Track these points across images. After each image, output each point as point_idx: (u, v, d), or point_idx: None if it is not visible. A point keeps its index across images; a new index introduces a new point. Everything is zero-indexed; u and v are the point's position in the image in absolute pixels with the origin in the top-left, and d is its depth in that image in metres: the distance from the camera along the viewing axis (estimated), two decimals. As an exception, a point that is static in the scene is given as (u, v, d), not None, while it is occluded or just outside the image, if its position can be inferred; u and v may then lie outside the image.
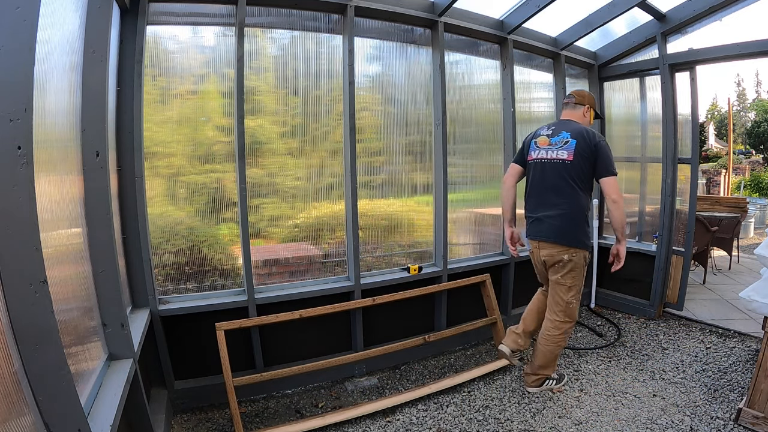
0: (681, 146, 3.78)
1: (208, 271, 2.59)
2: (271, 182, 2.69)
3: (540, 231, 2.51)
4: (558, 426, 2.36)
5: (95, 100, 1.69)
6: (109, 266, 1.74)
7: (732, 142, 15.52)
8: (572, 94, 2.65)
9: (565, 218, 2.42)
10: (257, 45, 2.59)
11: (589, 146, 2.37)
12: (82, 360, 1.50)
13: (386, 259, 3.13)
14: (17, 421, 1.02)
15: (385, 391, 2.77)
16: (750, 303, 2.40)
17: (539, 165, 2.52)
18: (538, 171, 2.53)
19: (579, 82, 4.16)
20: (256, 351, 2.67)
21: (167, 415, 2.28)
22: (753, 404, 2.24)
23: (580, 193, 2.42)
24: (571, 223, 2.41)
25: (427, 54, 3.12)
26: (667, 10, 3.48)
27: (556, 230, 2.44)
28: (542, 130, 2.60)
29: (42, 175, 1.24)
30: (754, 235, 8.45)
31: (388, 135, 3.05)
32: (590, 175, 2.42)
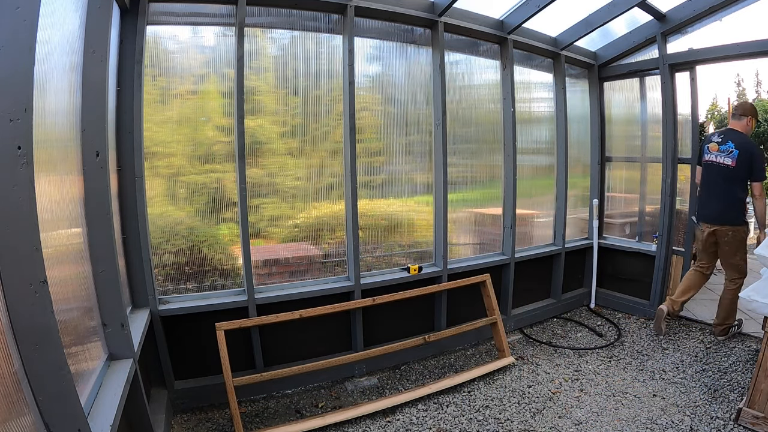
0: (681, 146, 3.78)
1: (208, 271, 2.59)
2: (271, 182, 2.68)
3: (709, 216, 3.30)
4: (558, 426, 2.36)
5: (95, 100, 1.69)
6: (109, 266, 1.74)
7: (732, 142, 15.45)
8: (737, 107, 3.26)
9: (727, 207, 3.25)
10: (257, 45, 2.59)
11: (747, 156, 3.09)
12: (82, 360, 1.50)
13: (386, 259, 3.13)
14: (17, 421, 1.02)
15: (385, 391, 2.77)
16: (750, 303, 2.40)
17: (711, 167, 3.24)
18: (710, 171, 3.26)
19: (579, 81, 4.16)
20: (256, 351, 2.67)
21: (167, 415, 2.28)
22: (753, 404, 2.24)
23: (738, 189, 3.21)
24: (731, 210, 3.26)
25: (427, 54, 3.12)
26: (667, 10, 3.48)
27: (721, 215, 3.25)
28: (713, 137, 3.26)
29: (42, 175, 1.24)
30: (753, 235, 8.44)
31: (388, 135, 3.05)
32: (746, 177, 3.16)
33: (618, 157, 4.24)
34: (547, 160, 3.92)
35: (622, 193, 4.34)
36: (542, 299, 3.98)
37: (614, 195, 4.35)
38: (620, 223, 4.34)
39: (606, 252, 4.21)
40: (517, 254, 3.59)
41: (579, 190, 4.24)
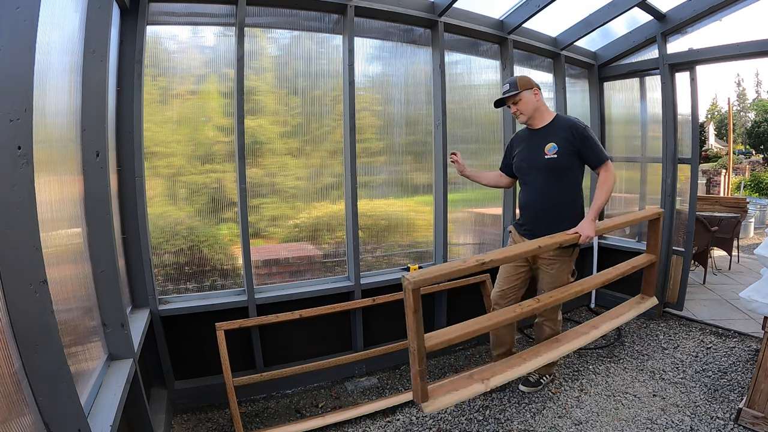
0: (681, 146, 3.78)
1: (208, 271, 2.59)
2: (271, 182, 2.69)
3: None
4: (558, 426, 2.36)
5: (95, 100, 1.69)
6: (109, 266, 1.74)
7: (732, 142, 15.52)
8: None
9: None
10: (257, 45, 2.59)
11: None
12: (82, 360, 1.50)
13: (386, 259, 3.13)
14: (17, 421, 1.02)
15: (385, 391, 2.77)
16: (750, 303, 2.40)
17: None
18: None
19: (579, 81, 4.16)
20: (256, 351, 2.67)
21: (167, 415, 2.28)
22: (753, 404, 2.24)
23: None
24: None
25: (427, 54, 3.12)
26: (667, 10, 3.48)
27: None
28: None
29: (42, 175, 1.24)
30: (754, 235, 8.44)
31: (388, 135, 3.05)
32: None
33: (618, 157, 4.24)
34: (547, 160, 3.92)
35: (622, 193, 4.34)
36: (542, 299, 3.97)
37: (614, 195, 4.34)
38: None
39: (606, 252, 4.21)
40: (517, 254, 3.58)
41: (579, 190, 4.24)
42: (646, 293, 2.89)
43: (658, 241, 2.75)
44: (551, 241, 2.22)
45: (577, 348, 2.54)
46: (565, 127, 2.37)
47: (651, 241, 2.77)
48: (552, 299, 2.30)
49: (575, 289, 2.42)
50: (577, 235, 2.25)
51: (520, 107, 2.43)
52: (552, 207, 2.42)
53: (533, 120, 2.45)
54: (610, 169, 2.37)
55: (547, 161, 2.37)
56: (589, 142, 2.34)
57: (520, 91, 2.40)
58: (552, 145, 2.36)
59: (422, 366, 1.87)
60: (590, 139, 2.35)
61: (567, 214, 2.41)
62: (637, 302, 2.87)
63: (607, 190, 2.35)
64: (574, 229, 2.29)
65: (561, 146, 2.35)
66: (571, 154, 2.35)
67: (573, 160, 2.37)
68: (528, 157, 2.47)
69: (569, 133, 2.35)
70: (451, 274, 1.92)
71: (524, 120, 2.46)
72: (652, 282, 2.85)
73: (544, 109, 2.47)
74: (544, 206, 2.43)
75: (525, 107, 2.42)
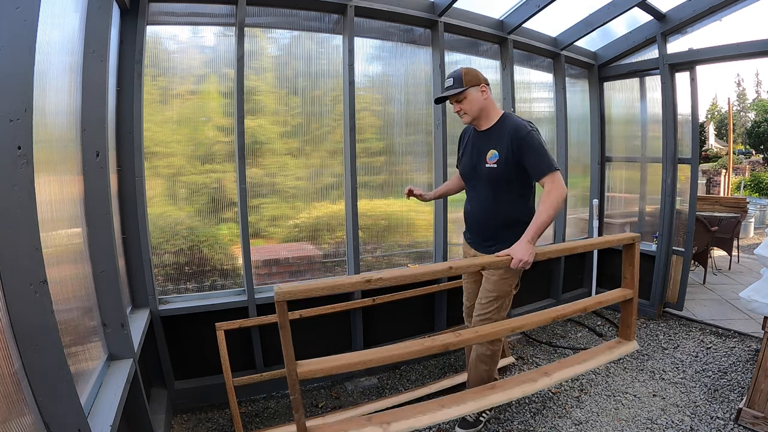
0: (681, 146, 3.77)
1: (208, 271, 2.59)
2: (271, 182, 2.69)
3: None
4: (558, 426, 2.36)
5: (95, 100, 1.70)
6: (109, 266, 1.74)
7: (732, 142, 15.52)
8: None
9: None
10: (257, 45, 2.59)
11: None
12: (82, 360, 1.50)
13: (386, 259, 3.13)
14: (17, 421, 1.02)
15: (385, 391, 2.77)
16: (750, 303, 2.41)
17: None
18: None
19: (579, 81, 4.16)
20: (256, 351, 2.67)
21: (167, 415, 2.28)
22: (753, 404, 2.24)
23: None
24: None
25: (427, 54, 3.12)
26: (667, 10, 3.48)
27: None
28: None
29: (42, 175, 1.24)
30: (754, 235, 8.44)
31: (388, 135, 3.05)
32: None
33: (618, 157, 4.24)
34: (547, 160, 3.92)
35: (622, 193, 4.34)
36: (542, 299, 3.98)
37: (614, 195, 4.35)
38: (620, 223, 4.34)
39: (606, 252, 4.21)
40: (517, 254, 3.58)
41: (579, 190, 4.24)
42: (623, 336, 2.41)
43: (634, 271, 2.26)
44: (472, 263, 1.96)
45: (515, 398, 2.14)
46: (506, 132, 2.04)
47: (626, 273, 2.30)
48: (477, 335, 1.93)
49: (510, 325, 2.04)
50: (507, 258, 1.91)
51: (465, 106, 2.09)
52: (490, 222, 2.16)
53: (478, 121, 2.14)
54: (556, 181, 1.94)
55: (488, 170, 2.08)
56: (529, 149, 1.97)
57: (465, 88, 2.05)
58: (493, 152, 2.07)
59: (295, 394, 1.64)
60: (530, 146, 1.97)
61: (506, 233, 2.12)
62: (611, 347, 2.38)
63: (551, 206, 1.93)
64: (506, 251, 1.95)
65: (502, 155, 2.04)
66: (513, 164, 2.03)
67: (515, 170, 2.04)
68: (470, 162, 2.20)
69: (509, 140, 2.01)
70: (328, 290, 1.66)
71: (468, 121, 2.14)
72: (631, 323, 2.32)
73: (492, 107, 2.13)
74: (482, 219, 2.18)
75: (470, 107, 2.08)
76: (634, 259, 2.26)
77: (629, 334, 2.36)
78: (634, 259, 2.26)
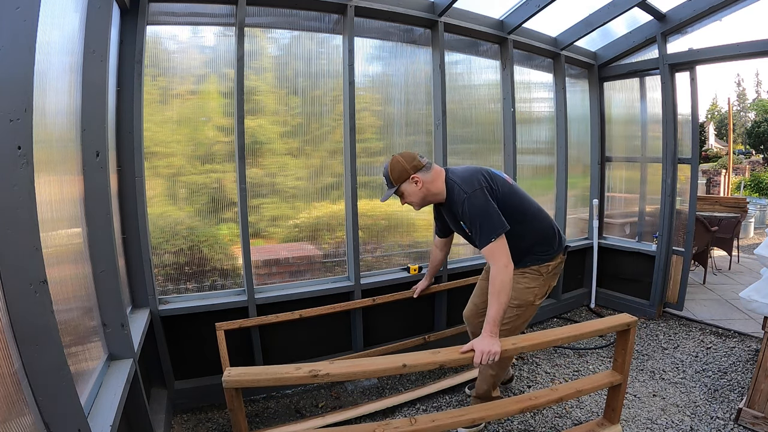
0: (681, 146, 3.78)
1: (208, 271, 2.59)
2: (271, 182, 2.68)
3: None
4: (558, 426, 2.36)
5: (95, 100, 1.69)
6: (109, 266, 1.74)
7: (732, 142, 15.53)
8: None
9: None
10: (257, 45, 2.59)
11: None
12: (82, 360, 1.50)
13: (386, 259, 3.13)
14: (17, 421, 1.02)
15: (385, 391, 2.77)
16: (750, 303, 2.41)
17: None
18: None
19: (579, 81, 4.16)
20: (256, 351, 2.67)
21: (167, 415, 2.28)
22: (753, 404, 2.24)
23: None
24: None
25: (427, 54, 3.12)
26: (667, 10, 3.48)
27: None
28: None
29: (42, 175, 1.24)
30: (754, 235, 8.45)
31: (388, 135, 3.05)
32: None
33: (618, 157, 4.24)
34: (547, 160, 3.92)
35: (622, 193, 4.34)
36: (542, 299, 3.98)
37: (614, 195, 4.35)
38: (620, 223, 4.34)
39: (606, 252, 4.21)
40: (517, 254, 3.58)
41: (579, 190, 4.24)
42: (608, 419, 2.22)
43: (625, 358, 2.09)
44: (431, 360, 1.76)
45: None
46: (454, 205, 1.97)
47: (617, 358, 2.15)
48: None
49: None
50: (470, 353, 1.79)
51: (407, 199, 2.06)
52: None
53: (431, 201, 2.09)
54: (496, 255, 1.83)
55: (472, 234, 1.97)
56: (467, 219, 1.90)
57: (396, 187, 2.03)
58: (461, 223, 2.00)
59: None
60: (468, 215, 1.89)
61: (529, 256, 2.09)
62: (592, 427, 2.23)
63: (500, 292, 1.82)
64: (468, 344, 1.83)
65: (466, 224, 1.96)
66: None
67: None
68: (455, 227, 2.18)
69: (459, 213, 1.95)
70: (275, 381, 1.66)
71: (419, 208, 2.11)
72: (617, 407, 2.17)
73: (434, 187, 2.01)
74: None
75: (411, 198, 2.04)
76: (628, 345, 2.09)
77: (614, 417, 2.19)
78: (627, 345, 2.09)
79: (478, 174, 2.00)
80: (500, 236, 1.86)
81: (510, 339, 1.96)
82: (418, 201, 2.06)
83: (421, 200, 2.06)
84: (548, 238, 2.14)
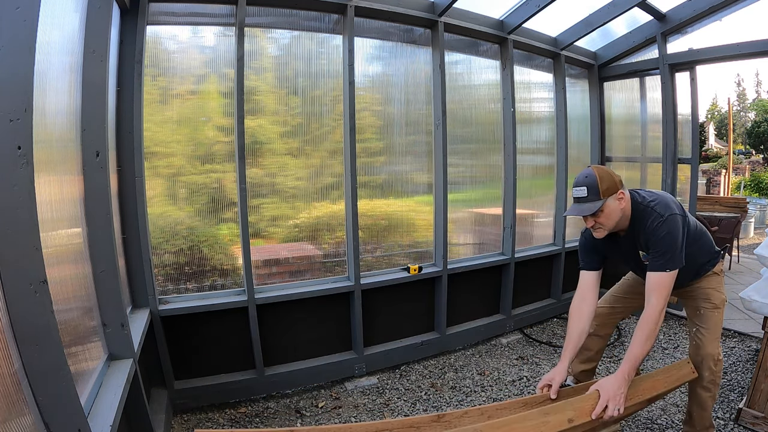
0: (681, 146, 3.78)
1: (208, 271, 2.59)
2: (271, 182, 2.68)
3: None
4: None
5: (95, 100, 1.69)
6: (109, 266, 1.74)
7: (732, 142, 15.53)
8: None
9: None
10: (257, 45, 2.59)
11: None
12: (82, 360, 1.50)
13: (386, 259, 3.12)
14: (17, 421, 1.02)
15: (385, 392, 2.77)
16: (750, 303, 2.41)
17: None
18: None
19: (579, 81, 4.16)
20: (256, 351, 2.66)
21: (167, 415, 2.28)
22: (753, 404, 2.24)
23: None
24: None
25: (427, 54, 3.12)
26: (667, 10, 3.49)
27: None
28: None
29: (42, 175, 1.24)
30: (754, 235, 8.45)
31: (388, 135, 3.05)
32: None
33: (618, 157, 4.24)
34: (547, 160, 3.92)
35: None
36: (542, 299, 3.98)
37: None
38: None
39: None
40: (518, 254, 3.59)
41: (579, 190, 4.23)
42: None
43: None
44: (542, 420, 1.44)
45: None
46: (642, 231, 1.80)
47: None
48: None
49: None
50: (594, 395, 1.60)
51: (601, 220, 1.76)
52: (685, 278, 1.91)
53: (619, 227, 1.84)
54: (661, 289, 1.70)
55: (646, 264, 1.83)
56: (656, 242, 1.73)
57: (604, 200, 1.72)
58: (642, 253, 1.87)
59: None
60: (659, 239, 1.72)
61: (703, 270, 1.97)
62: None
63: (648, 336, 1.67)
64: (595, 385, 1.65)
65: (649, 252, 1.80)
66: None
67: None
68: (624, 262, 2.05)
69: (646, 239, 1.78)
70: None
71: (602, 236, 1.83)
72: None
73: (628, 206, 1.81)
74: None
75: (607, 220, 1.76)
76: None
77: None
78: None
79: (669, 197, 1.83)
80: (675, 270, 1.72)
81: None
82: (612, 223, 1.78)
83: (616, 223, 1.79)
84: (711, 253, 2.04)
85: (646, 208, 1.79)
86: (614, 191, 1.74)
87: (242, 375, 2.63)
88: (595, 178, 1.74)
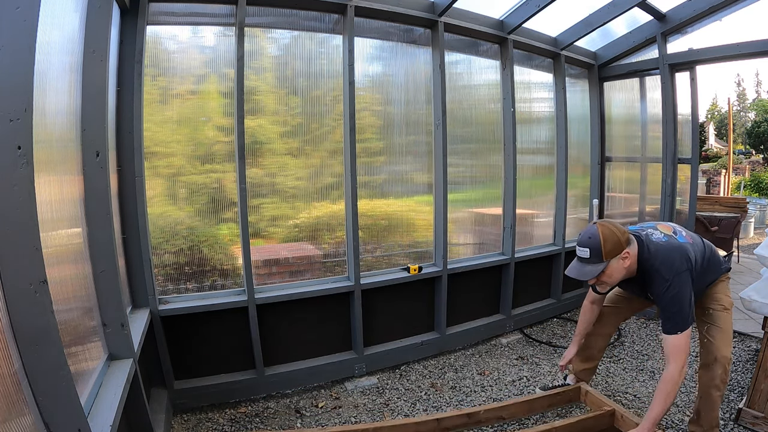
0: (681, 146, 3.78)
1: (208, 271, 2.59)
2: (271, 182, 2.68)
3: None
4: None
5: (95, 100, 1.69)
6: (109, 266, 1.74)
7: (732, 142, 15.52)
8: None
9: None
10: (257, 45, 2.59)
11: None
12: (82, 360, 1.50)
13: (386, 259, 3.12)
14: (17, 421, 1.02)
15: (385, 392, 2.77)
16: (750, 303, 2.41)
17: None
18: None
19: (579, 81, 4.16)
20: (256, 351, 2.66)
21: (167, 415, 2.28)
22: (753, 404, 2.24)
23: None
24: None
25: (427, 54, 3.12)
26: (667, 10, 3.49)
27: None
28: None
29: (42, 175, 1.24)
30: (754, 235, 8.45)
31: (388, 135, 3.05)
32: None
33: (618, 157, 4.24)
34: (547, 160, 3.93)
35: (622, 193, 4.35)
36: (542, 299, 3.98)
37: (614, 195, 4.35)
38: (620, 223, 4.34)
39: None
40: (518, 254, 3.59)
41: (579, 190, 4.24)
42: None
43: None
44: None
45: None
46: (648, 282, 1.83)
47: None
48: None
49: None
50: None
51: (604, 278, 1.81)
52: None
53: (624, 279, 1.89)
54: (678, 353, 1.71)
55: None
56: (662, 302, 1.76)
57: (606, 262, 1.76)
58: (648, 294, 1.93)
59: None
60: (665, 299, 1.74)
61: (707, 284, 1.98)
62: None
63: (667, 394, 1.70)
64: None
65: (653, 295, 1.85)
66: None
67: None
68: (634, 293, 2.08)
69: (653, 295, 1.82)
70: None
71: (605, 290, 1.88)
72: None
73: (634, 262, 1.83)
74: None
75: (610, 279, 1.81)
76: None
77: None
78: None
79: (676, 249, 1.80)
80: (688, 329, 1.73)
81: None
82: (615, 281, 1.81)
83: (618, 280, 1.82)
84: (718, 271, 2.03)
85: (650, 268, 1.79)
86: (618, 252, 1.75)
87: (242, 375, 2.63)
88: (599, 240, 1.74)
